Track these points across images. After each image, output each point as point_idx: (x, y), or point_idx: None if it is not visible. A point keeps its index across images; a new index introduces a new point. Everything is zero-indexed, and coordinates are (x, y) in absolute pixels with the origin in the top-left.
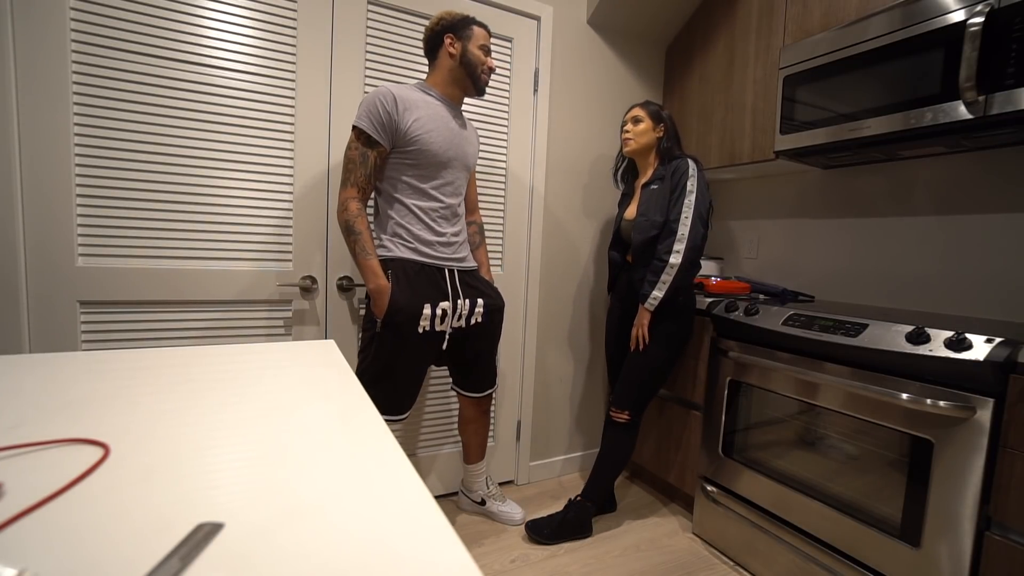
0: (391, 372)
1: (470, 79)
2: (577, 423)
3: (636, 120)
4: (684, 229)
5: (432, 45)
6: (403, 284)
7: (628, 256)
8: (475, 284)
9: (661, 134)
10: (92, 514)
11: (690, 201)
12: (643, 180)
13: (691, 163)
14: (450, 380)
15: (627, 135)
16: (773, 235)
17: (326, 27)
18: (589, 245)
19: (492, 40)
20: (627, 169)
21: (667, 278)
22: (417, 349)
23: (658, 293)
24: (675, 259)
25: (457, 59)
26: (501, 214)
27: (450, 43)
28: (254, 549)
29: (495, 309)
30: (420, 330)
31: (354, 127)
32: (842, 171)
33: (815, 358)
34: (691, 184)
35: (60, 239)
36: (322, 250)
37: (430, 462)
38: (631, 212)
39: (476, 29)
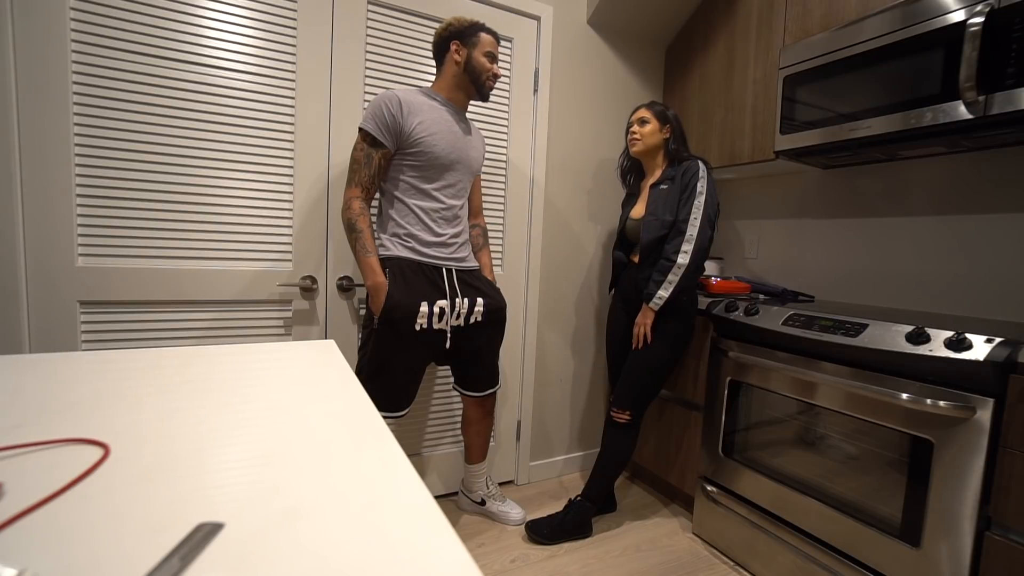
0: (388, 368)
1: (474, 85)
2: (577, 423)
3: (642, 121)
4: (693, 230)
5: (439, 50)
6: (400, 282)
7: (633, 256)
8: (475, 284)
9: (667, 135)
10: (92, 514)
11: (700, 202)
12: (651, 180)
13: (701, 165)
14: (452, 380)
15: (634, 135)
16: (773, 235)
17: (326, 27)
18: (590, 245)
19: None
20: (631, 170)
21: (674, 278)
22: (414, 346)
23: (664, 293)
24: (683, 259)
25: (462, 66)
26: (501, 214)
27: (455, 49)
28: (254, 549)
29: (495, 309)
30: (417, 327)
31: (360, 129)
32: (842, 171)
33: (815, 358)
34: (701, 186)
35: (60, 239)
36: (322, 250)
37: (431, 461)
38: (638, 211)
39: (483, 36)
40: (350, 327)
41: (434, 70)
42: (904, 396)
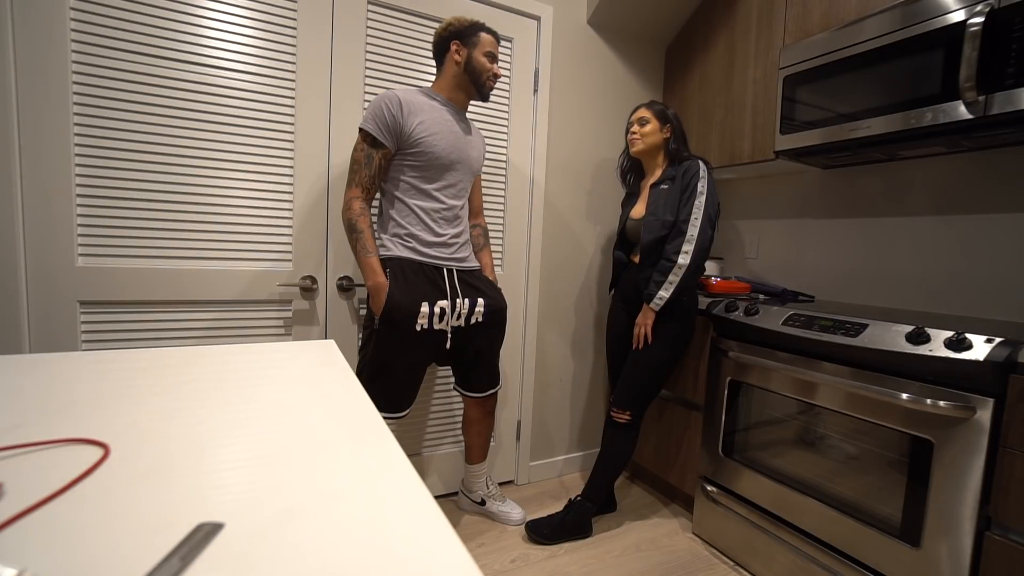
0: (388, 369)
1: (474, 85)
2: (577, 423)
3: (643, 121)
4: (693, 230)
5: (439, 50)
6: (401, 282)
7: (633, 256)
8: (475, 284)
9: (668, 135)
10: (92, 514)
11: (700, 202)
12: (651, 180)
13: (702, 165)
14: (452, 380)
15: (634, 135)
16: (773, 235)
17: (326, 27)
18: (590, 245)
19: None
20: (631, 169)
21: (674, 279)
22: (415, 347)
23: (664, 293)
24: (684, 260)
25: (462, 65)
26: (501, 214)
27: (456, 49)
28: (254, 549)
29: (496, 309)
30: (418, 327)
31: (360, 129)
32: (842, 171)
33: (815, 358)
34: (702, 186)
35: (60, 239)
36: (322, 250)
37: (431, 462)
38: (638, 211)
39: (483, 36)
40: (350, 327)
41: (434, 70)
42: (904, 396)
